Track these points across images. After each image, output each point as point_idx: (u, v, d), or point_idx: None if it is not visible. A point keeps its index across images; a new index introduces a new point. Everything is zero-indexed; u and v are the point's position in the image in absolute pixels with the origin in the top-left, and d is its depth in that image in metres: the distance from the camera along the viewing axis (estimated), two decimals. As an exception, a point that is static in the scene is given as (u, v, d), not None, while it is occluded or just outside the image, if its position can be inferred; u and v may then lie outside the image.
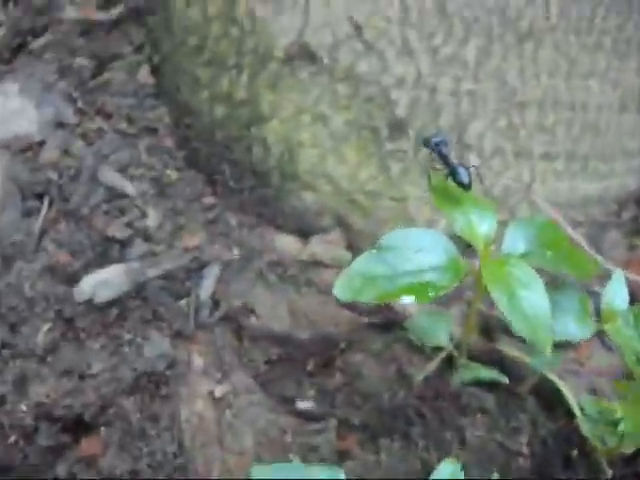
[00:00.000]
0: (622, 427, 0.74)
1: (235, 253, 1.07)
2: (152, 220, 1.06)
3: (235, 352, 0.95)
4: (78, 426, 0.88)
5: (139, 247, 1.02)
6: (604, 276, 1.08)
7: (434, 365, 0.89)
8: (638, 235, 1.21)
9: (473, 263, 0.74)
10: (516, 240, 0.75)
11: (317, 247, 1.03)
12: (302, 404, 0.92)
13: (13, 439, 0.86)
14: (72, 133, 1.13)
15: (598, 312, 0.81)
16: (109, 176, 1.08)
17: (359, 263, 0.71)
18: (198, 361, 0.94)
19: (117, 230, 1.04)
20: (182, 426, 0.87)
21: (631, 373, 0.79)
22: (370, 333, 0.99)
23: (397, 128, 1.00)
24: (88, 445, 0.87)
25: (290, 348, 0.95)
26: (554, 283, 0.80)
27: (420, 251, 0.71)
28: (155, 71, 1.23)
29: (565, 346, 0.99)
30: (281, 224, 1.07)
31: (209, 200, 1.11)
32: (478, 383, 0.84)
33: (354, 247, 1.05)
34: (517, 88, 1.00)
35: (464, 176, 0.75)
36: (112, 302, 0.95)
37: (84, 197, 1.07)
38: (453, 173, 0.75)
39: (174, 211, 1.08)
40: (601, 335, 0.89)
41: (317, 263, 1.03)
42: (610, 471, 0.82)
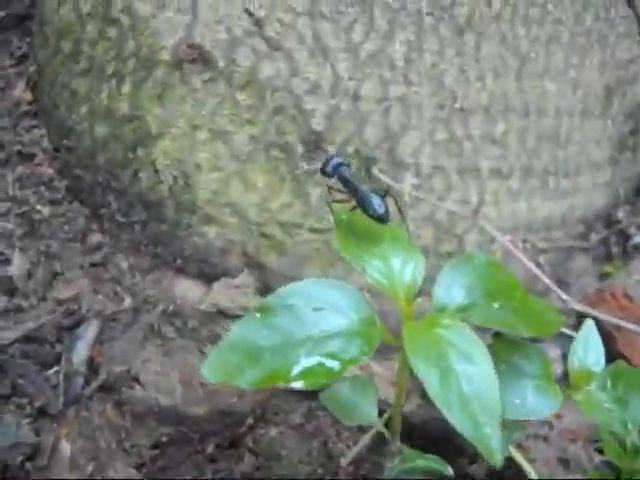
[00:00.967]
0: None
1: (125, 304, 0.87)
2: (17, 267, 0.85)
3: (114, 434, 0.75)
4: None
5: (-2, 302, 0.83)
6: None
7: (362, 444, 0.70)
8: (609, 260, 1.05)
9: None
10: (452, 289, 0.58)
11: (222, 293, 0.85)
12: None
13: None
14: None
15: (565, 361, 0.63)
16: (-37, 214, 0.88)
17: (237, 332, 0.53)
18: (66, 449, 0.73)
19: (-31, 282, 0.84)
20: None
21: (611, 447, 0.61)
22: (287, 400, 0.80)
23: (314, 144, 0.82)
24: None
25: (184, 426, 0.76)
26: (504, 337, 0.62)
27: (322, 310, 0.53)
28: (33, 86, 1.03)
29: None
30: (180, 266, 0.89)
31: (94, 239, 0.92)
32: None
33: (269, 292, 0.86)
34: (457, 92, 0.83)
35: (378, 206, 0.57)
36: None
37: None
38: (363, 203, 0.58)
39: (47, 255, 0.88)
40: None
41: (222, 313, 0.84)
42: None
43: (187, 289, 0.89)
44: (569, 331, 0.88)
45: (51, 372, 0.79)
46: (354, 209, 0.61)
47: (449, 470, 0.62)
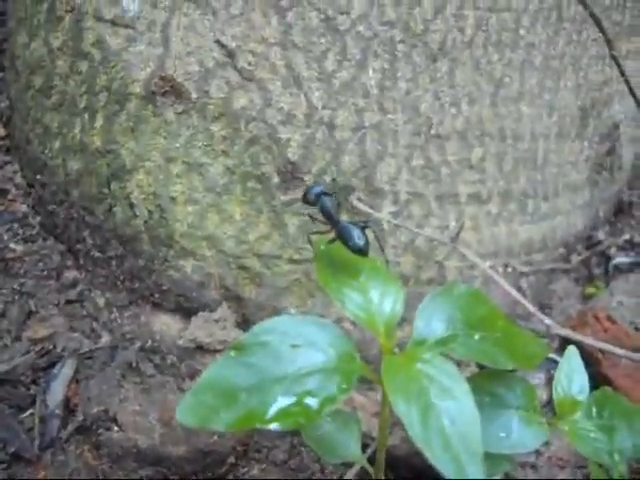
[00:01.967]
0: None
1: (102, 341, 0.86)
2: (-11, 307, 0.83)
3: (92, 477, 0.72)
4: None
5: (-32, 345, 0.80)
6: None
7: (348, 480, 0.68)
8: (591, 281, 1.04)
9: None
10: (432, 321, 0.57)
11: (201, 328, 0.83)
12: None
13: None
14: None
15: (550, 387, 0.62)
16: None
17: (212, 372, 0.51)
18: (41, 495, 0.71)
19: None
20: None
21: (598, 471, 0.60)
22: (269, 437, 0.78)
23: (290, 174, 0.81)
24: None
25: (163, 467, 0.74)
26: (486, 368, 0.61)
27: (299, 347, 0.52)
28: (6, 121, 1.02)
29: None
30: (158, 301, 0.88)
31: (70, 275, 0.90)
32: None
33: (248, 325, 0.85)
34: (432, 118, 0.83)
35: (357, 237, 0.57)
36: None
37: None
38: (342, 235, 0.57)
39: (21, 293, 0.86)
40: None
41: (202, 348, 0.83)
42: None
43: (165, 324, 0.87)
44: (554, 355, 0.87)
45: (26, 415, 0.77)
46: (333, 241, 0.60)
47: (435, 506, 0.60)
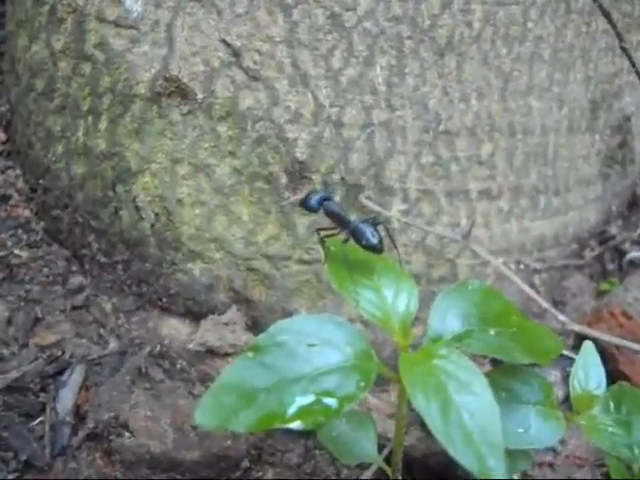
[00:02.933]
0: None
1: (110, 347, 0.87)
2: (-5, 315, 0.85)
3: (105, 484, 0.74)
4: None
5: (-25, 353, 0.82)
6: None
7: (364, 483, 0.70)
8: (605, 277, 1.06)
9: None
10: (447, 317, 0.59)
11: (210, 331, 0.85)
12: None
13: None
14: None
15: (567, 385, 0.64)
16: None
17: (230, 373, 0.53)
18: (54, 502, 0.73)
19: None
20: None
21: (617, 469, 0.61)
22: (283, 440, 0.80)
23: (298, 174, 0.83)
24: None
25: (177, 473, 0.75)
26: (502, 364, 0.63)
27: (315, 346, 0.54)
28: (6, 125, 1.04)
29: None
30: (166, 305, 0.90)
31: (75, 281, 0.92)
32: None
33: (258, 328, 0.87)
34: (441, 114, 0.85)
35: (371, 235, 0.58)
36: None
37: None
38: (355, 234, 0.59)
39: (27, 300, 0.88)
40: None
41: (212, 352, 0.84)
42: None
43: (174, 328, 0.89)
44: (569, 352, 0.89)
45: (36, 423, 0.79)
46: (346, 241, 0.62)
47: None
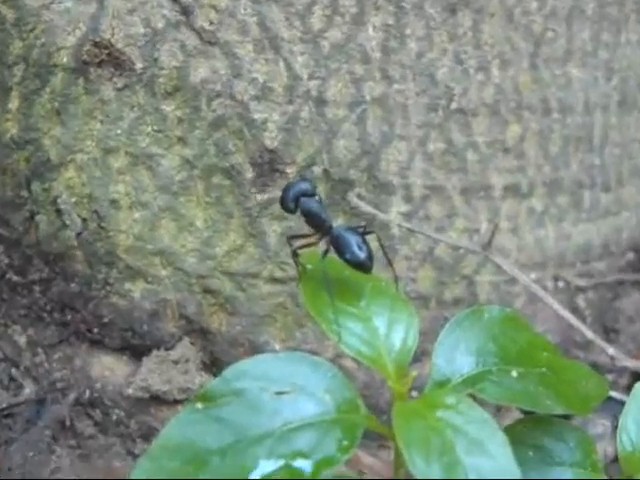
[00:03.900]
0: None
1: (25, 392, 0.88)
2: None
3: None
4: None
5: None
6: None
7: None
8: (669, 295, 1.07)
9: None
10: (457, 355, 0.60)
11: (155, 372, 0.86)
12: None
13: None
14: None
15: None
16: None
17: (174, 430, 0.54)
18: None
19: None
20: None
21: None
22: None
23: (268, 166, 0.85)
24: None
25: None
26: (529, 414, 0.64)
27: (285, 395, 0.55)
28: None
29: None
30: (98, 337, 0.91)
31: (-21, 306, 0.93)
32: None
33: (218, 367, 0.88)
34: (453, 88, 0.87)
35: (357, 247, 0.60)
36: None
37: None
38: (337, 244, 0.60)
39: None
40: None
41: (157, 399, 0.85)
42: None
43: (108, 368, 0.90)
44: (621, 395, 0.90)
45: None
46: (325, 253, 0.63)
47: None
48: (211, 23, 0.82)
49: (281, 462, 0.52)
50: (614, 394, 0.91)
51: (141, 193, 0.86)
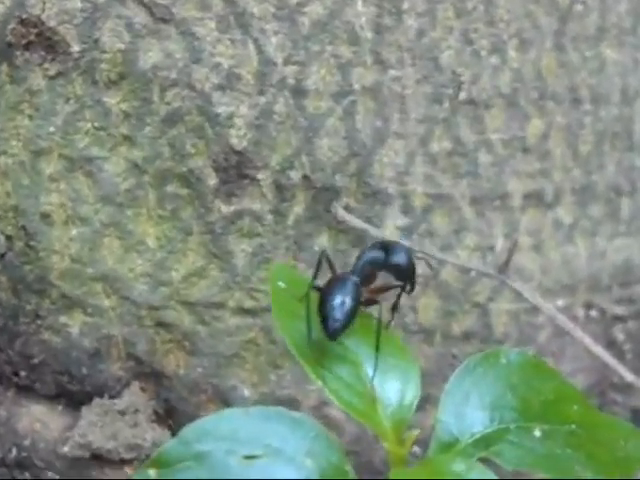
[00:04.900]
0: None
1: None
2: None
3: None
4: None
5: None
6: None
7: None
8: None
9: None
10: (467, 409, 0.60)
11: (97, 425, 0.86)
12: None
13: None
14: None
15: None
16: None
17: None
18: None
19: None
20: None
21: None
22: None
23: (235, 171, 0.85)
24: None
25: None
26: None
27: (257, 459, 0.56)
28: None
29: None
30: (27, 382, 0.90)
31: None
32: None
33: (175, 420, 0.88)
34: (462, 75, 0.87)
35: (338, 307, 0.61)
36: None
37: None
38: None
39: None
40: None
41: (100, 458, 0.85)
42: None
43: (39, 420, 0.89)
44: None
45: None
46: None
47: None
48: (164, -4, 0.82)
49: None
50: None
51: (79, 205, 0.85)
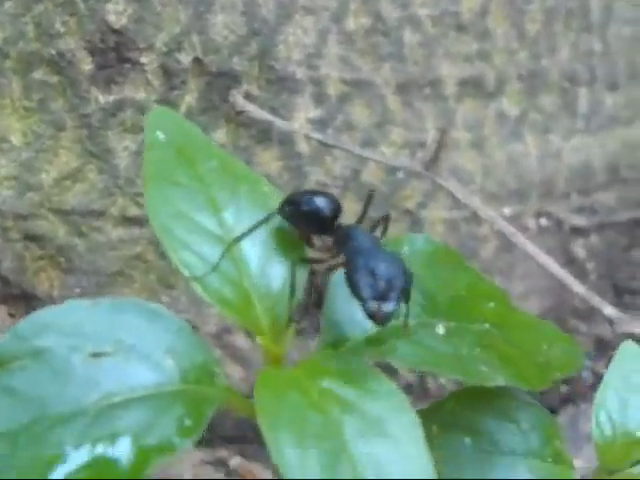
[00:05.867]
0: None
1: None
2: None
3: None
4: None
5: None
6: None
7: None
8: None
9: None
10: None
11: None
12: None
13: None
14: None
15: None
16: None
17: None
18: None
19: None
20: None
21: None
22: None
23: (115, 54, 0.86)
24: None
25: None
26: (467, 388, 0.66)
27: (105, 357, 0.57)
28: None
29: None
30: None
31: None
32: None
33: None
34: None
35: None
36: None
37: None
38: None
39: None
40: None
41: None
42: None
43: None
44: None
45: None
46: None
47: None
48: None
49: (99, 450, 0.53)
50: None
51: None
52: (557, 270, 0.89)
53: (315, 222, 0.64)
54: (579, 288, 0.87)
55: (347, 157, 0.90)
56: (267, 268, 0.63)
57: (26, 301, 0.89)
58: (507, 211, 0.95)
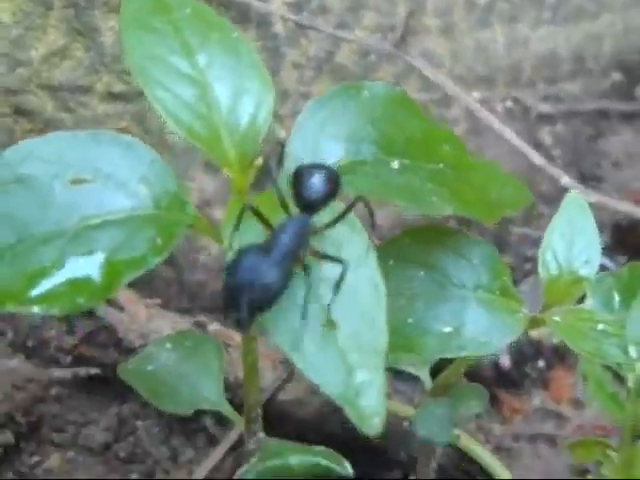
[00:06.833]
0: None
1: None
2: None
3: None
4: None
5: None
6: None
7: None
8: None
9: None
10: (321, 139, 0.66)
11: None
12: None
13: None
14: None
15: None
16: None
17: None
18: None
19: None
20: None
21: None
22: (83, 402, 0.88)
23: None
24: None
25: None
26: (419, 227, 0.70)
27: (84, 184, 0.60)
28: None
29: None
30: None
31: None
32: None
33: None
34: None
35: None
36: None
37: None
38: None
39: None
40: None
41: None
42: None
43: None
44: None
45: None
46: None
47: (346, 468, 0.69)
48: None
49: (76, 266, 0.57)
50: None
51: None
52: (519, 143, 0.92)
53: None
54: (539, 160, 0.91)
55: (321, 39, 0.92)
56: (237, 106, 0.65)
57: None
58: (476, 95, 0.98)
